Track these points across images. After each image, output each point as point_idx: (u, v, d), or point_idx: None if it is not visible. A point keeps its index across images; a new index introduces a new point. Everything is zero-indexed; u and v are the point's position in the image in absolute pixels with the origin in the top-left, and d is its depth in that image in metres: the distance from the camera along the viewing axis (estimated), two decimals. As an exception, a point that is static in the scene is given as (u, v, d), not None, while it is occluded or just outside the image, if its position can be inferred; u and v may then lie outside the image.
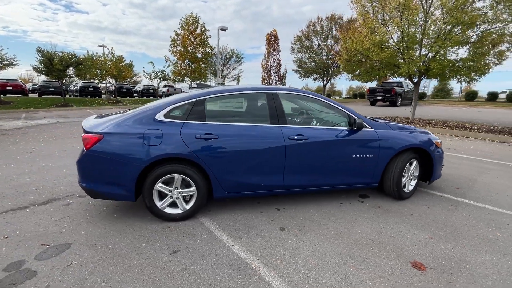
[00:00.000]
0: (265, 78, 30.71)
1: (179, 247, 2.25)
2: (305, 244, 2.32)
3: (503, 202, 3.21)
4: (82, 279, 1.85)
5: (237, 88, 2.88)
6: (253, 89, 2.91)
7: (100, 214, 2.80)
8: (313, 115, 3.32)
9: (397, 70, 9.21)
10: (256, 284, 1.84)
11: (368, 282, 1.87)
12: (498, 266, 2.05)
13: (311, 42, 26.06)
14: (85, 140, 2.44)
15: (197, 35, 20.74)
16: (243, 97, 2.91)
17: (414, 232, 2.53)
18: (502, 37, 7.42)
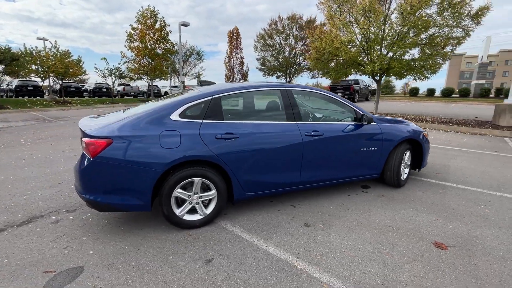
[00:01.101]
0: (229, 76, 30.42)
1: (211, 255, 2.11)
2: (334, 237, 2.37)
3: (477, 183, 3.71)
4: (117, 305, 1.61)
5: (252, 86, 2.79)
6: (267, 86, 2.85)
7: (103, 229, 2.47)
8: (322, 111, 3.39)
9: (362, 68, 9.95)
10: (307, 282, 1.82)
11: (406, 266, 1.99)
12: (499, 238, 2.37)
13: (274, 40, 26.56)
14: (91, 146, 2.11)
15: (156, 30, 19.50)
16: (258, 94, 2.83)
17: (422, 215, 2.77)
18: (448, 40, 8.55)
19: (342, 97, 3.18)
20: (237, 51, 29.97)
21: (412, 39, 8.12)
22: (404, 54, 8.63)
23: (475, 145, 6.22)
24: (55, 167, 4.32)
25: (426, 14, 8.11)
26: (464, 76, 74.58)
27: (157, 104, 2.56)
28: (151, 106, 2.53)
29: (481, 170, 4.28)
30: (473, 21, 8.20)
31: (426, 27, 7.86)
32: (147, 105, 2.69)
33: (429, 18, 7.95)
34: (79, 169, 2.19)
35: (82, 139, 2.23)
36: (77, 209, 2.87)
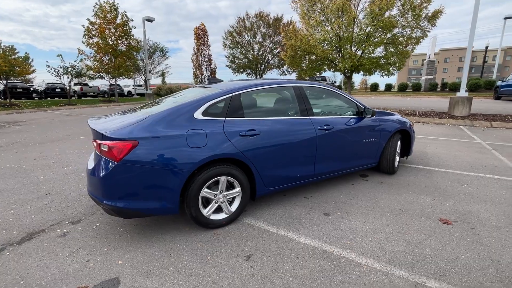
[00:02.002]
0: (197, 74, 29.67)
1: (248, 251, 2.12)
2: (355, 223, 2.53)
3: (454, 166, 4.22)
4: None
5: (268, 82, 2.82)
6: (281, 83, 2.90)
7: (122, 238, 2.32)
8: (328, 105, 3.54)
9: (335, 65, 10.49)
10: (349, 266, 1.94)
11: (425, 242, 2.22)
12: (488, 210, 2.75)
13: (242, 38, 26.51)
14: (115, 149, 1.97)
15: (117, 25, 18.17)
16: (273, 91, 2.87)
17: (421, 197, 3.09)
18: (409, 40, 9.44)
19: (345, 92, 3.38)
20: (205, 48, 29.35)
21: (380, 38, 8.82)
22: (373, 52, 9.35)
23: (439, 133, 7.00)
24: (34, 177, 3.88)
25: (391, 15, 8.86)
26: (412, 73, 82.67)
27: (173, 103, 2.47)
28: (168, 105, 2.43)
29: (453, 154, 4.86)
30: (429, 22, 9.17)
31: (392, 27, 8.60)
32: (169, 103, 2.56)
33: (394, 19, 8.70)
34: (99, 175, 2.03)
35: (99, 142, 2.06)
36: (81, 219, 2.64)
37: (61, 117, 11.07)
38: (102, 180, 2.01)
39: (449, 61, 77.37)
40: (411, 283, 1.76)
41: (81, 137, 6.74)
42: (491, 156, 4.71)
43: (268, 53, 26.77)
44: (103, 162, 2.04)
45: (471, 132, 7.00)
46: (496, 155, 4.77)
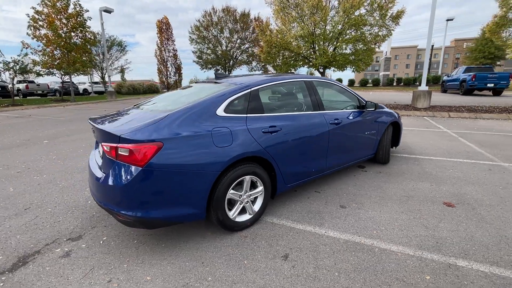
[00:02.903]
0: (162, 69, 28.20)
1: (283, 251, 2.06)
2: (373, 213, 2.63)
3: (435, 153, 4.62)
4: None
5: (282, 77, 2.75)
6: (293, 78, 2.86)
7: (140, 250, 2.09)
8: (333, 100, 3.58)
9: (308, 61, 10.76)
10: (384, 255, 1.99)
11: (441, 224, 2.39)
12: (479, 191, 3.06)
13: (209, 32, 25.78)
14: (137, 152, 1.74)
15: (70, 15, 16.30)
16: (286, 86, 2.80)
17: (420, 184, 3.32)
18: (376, 38, 10.09)
19: (348, 87, 3.46)
20: (169, 43, 27.93)
21: (352, 36, 9.27)
22: (346, 49, 9.80)
23: (410, 124, 7.63)
24: (1, 189, 3.31)
25: (361, 14, 9.36)
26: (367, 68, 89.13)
27: (188, 100, 2.28)
28: (183, 102, 2.23)
29: (429, 143, 5.33)
30: (393, 22, 9.89)
31: (363, 25, 9.10)
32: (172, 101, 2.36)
33: (364, 18, 9.21)
34: (118, 183, 1.78)
35: (114, 146, 1.81)
36: (82, 234, 2.32)
37: (10, 120, 9.65)
38: (123, 188, 1.77)
39: (398, 58, 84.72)
40: (445, 265, 1.88)
41: (45, 141, 5.95)
42: (460, 143, 5.27)
43: (236, 49, 26.48)
44: (122, 168, 1.80)
45: (436, 122, 7.75)
46: (464, 142, 5.35)
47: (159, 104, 2.52)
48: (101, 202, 1.95)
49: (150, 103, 2.66)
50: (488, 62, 28.34)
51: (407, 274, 1.80)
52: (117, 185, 1.79)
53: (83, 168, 4.09)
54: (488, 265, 1.87)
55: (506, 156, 4.34)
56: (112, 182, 1.81)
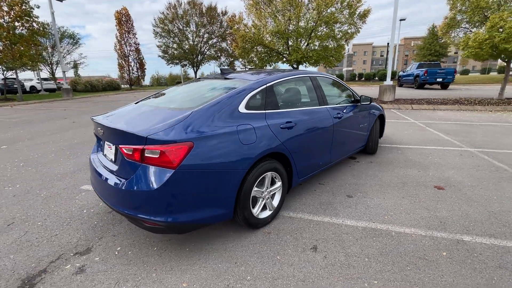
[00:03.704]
0: (123, 65, 26.32)
1: (310, 243, 2.12)
2: (378, 200, 2.81)
3: (412, 142, 5.06)
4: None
5: (289, 73, 2.75)
6: (300, 73, 2.89)
7: (164, 257, 1.98)
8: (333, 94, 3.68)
9: (283, 57, 10.93)
10: (402, 237, 2.16)
11: (438, 206, 2.65)
12: (459, 174, 3.45)
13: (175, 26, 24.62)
14: (169, 153, 1.63)
15: (13, 2, 14.26)
16: (294, 81, 2.82)
17: (409, 170, 3.63)
18: (346, 35, 10.62)
19: (344, 82, 3.61)
20: (130, 36, 26.12)
21: (325, 33, 9.63)
22: (320, 45, 10.15)
23: (380, 116, 8.24)
24: (-32, 205, 2.85)
25: (332, 12, 9.75)
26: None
27: (205, 95, 2.19)
28: (201, 98, 2.14)
29: (404, 133, 5.82)
30: (361, 20, 10.48)
31: (335, 22, 9.49)
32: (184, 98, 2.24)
33: (335, 16, 9.62)
34: (147, 188, 1.65)
35: (139, 148, 1.67)
36: (91, 247, 2.12)
37: None
38: (153, 193, 1.64)
39: (356, 54, 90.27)
40: (454, 241, 2.10)
41: (3, 147, 5.22)
42: (430, 132, 5.85)
43: (204, 44, 25.74)
44: (150, 172, 1.67)
45: (403, 114, 8.47)
46: (432, 131, 5.95)
47: (167, 100, 2.37)
48: (122, 208, 1.79)
49: (154, 99, 2.50)
50: (434, 59, 31.64)
51: (426, 252, 1.98)
52: (145, 190, 1.66)
53: (62, 174, 3.69)
54: (487, 238, 2.14)
55: (470, 142, 4.95)
56: (138, 187, 1.68)
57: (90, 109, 11.71)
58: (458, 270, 1.80)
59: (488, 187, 3.06)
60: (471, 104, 9.49)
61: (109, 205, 1.91)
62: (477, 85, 22.21)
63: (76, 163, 4.16)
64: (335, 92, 3.52)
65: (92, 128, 7.00)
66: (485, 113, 8.46)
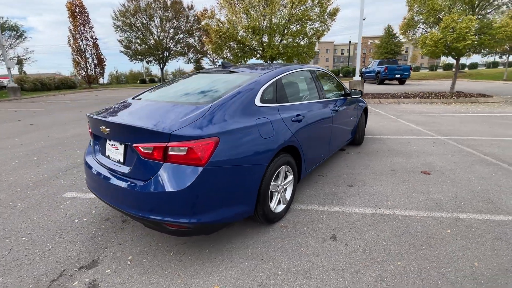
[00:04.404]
0: (80, 61, 24.06)
1: (328, 233, 2.16)
2: (377, 188, 2.96)
3: (389, 133, 5.43)
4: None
5: (294, 66, 2.74)
6: (300, 67, 2.89)
7: (184, 261, 1.86)
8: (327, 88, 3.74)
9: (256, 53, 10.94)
10: (408, 220, 2.31)
11: (431, 189, 2.88)
12: (440, 160, 3.79)
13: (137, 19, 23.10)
14: (197, 150, 1.52)
15: None
16: (297, 75, 2.81)
17: (396, 159, 3.89)
18: (317, 32, 10.97)
19: (336, 76, 3.71)
20: (86, 30, 23.90)
21: (298, 30, 9.83)
22: (293, 42, 10.34)
23: (354, 110, 8.71)
24: None
25: (305, 9, 9.99)
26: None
27: (214, 89, 2.09)
28: (211, 91, 2.04)
29: (380, 125, 6.22)
30: (330, 18, 10.91)
31: (308, 20, 9.74)
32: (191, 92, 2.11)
33: (308, 14, 9.87)
34: (174, 188, 1.52)
35: (163, 145, 1.54)
36: (96, 259, 1.91)
37: None
38: (181, 194, 1.52)
39: (320, 52, 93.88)
40: (453, 219, 2.31)
41: None
42: (402, 123, 6.34)
43: (170, 39, 24.59)
44: (175, 171, 1.54)
45: (373, 107, 9.04)
46: (404, 122, 6.45)
47: (174, 95, 2.22)
48: (142, 213, 1.64)
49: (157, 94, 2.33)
50: (390, 57, 34.28)
51: (433, 232, 2.14)
52: (171, 191, 1.53)
53: (36, 182, 3.27)
54: (479, 214, 2.38)
55: (439, 131, 5.47)
56: (162, 189, 1.54)
57: (46, 109, 10.51)
58: (465, 245, 1.98)
59: (465, 169, 3.41)
60: (429, 97, 10.49)
61: (123, 210, 1.73)
62: (428, 80, 24.63)
63: (49, 169, 3.71)
64: (329, 86, 3.62)
65: (54, 130, 6.30)
66: (442, 105, 9.42)
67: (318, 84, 3.06)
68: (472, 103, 9.60)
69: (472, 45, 9.05)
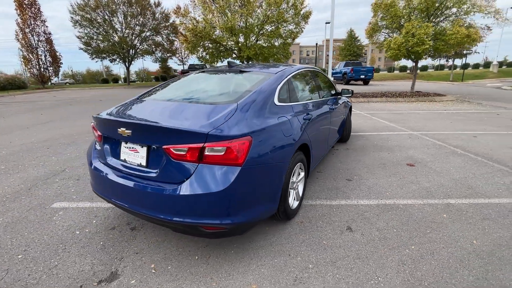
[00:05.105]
0: (31, 58, 21.65)
1: (343, 225, 2.28)
2: (374, 180, 3.18)
3: (369, 130, 5.82)
4: None
5: (298, 66, 2.81)
6: (303, 67, 2.97)
7: (212, 265, 1.83)
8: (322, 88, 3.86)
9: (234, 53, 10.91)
10: (410, 208, 2.53)
11: (419, 179, 3.18)
12: (419, 153, 4.16)
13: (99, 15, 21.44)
14: (234, 150, 1.51)
15: None
16: (303, 74, 2.88)
17: (381, 153, 4.19)
18: (292, 34, 11.30)
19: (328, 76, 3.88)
20: (38, 24, 21.57)
21: (273, 30, 10.03)
22: (269, 42, 10.52)
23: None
24: None
25: (281, 11, 10.23)
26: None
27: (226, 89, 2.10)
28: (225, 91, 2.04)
29: (358, 122, 6.63)
30: (303, 20, 11.31)
31: (284, 21, 9.98)
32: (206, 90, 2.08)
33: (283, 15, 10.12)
34: (213, 189, 1.49)
35: (198, 146, 1.49)
36: (115, 271, 1.79)
37: None
38: (220, 194, 1.49)
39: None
40: (445, 205, 2.58)
41: None
42: (376, 121, 6.83)
43: (136, 37, 23.26)
44: (214, 171, 1.51)
45: (347, 106, 9.58)
46: (378, 120, 6.95)
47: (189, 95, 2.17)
48: (175, 218, 1.57)
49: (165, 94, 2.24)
50: (353, 58, 36.51)
51: (433, 217, 2.38)
52: (209, 192, 1.49)
53: (12, 194, 2.92)
54: (464, 199, 2.70)
55: (410, 127, 6.00)
56: (199, 190, 1.50)
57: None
58: (461, 226, 2.23)
59: (442, 160, 3.82)
60: (394, 96, 11.42)
61: (148, 216, 1.64)
62: (388, 81, 26.74)
63: (25, 179, 3.32)
64: (324, 85, 3.78)
65: (16, 135, 5.63)
66: (406, 103, 10.33)
67: (317, 83, 3.19)
68: (430, 102, 10.68)
69: (429, 49, 10.05)
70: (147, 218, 1.72)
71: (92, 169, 1.97)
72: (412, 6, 10.32)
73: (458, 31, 9.29)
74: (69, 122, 7.16)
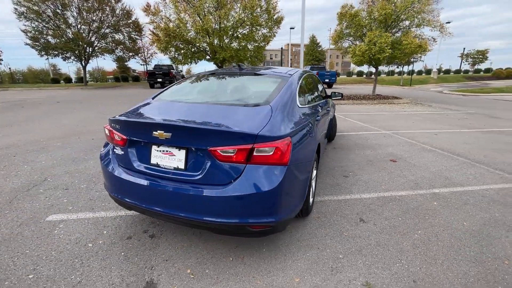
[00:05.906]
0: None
1: (356, 217, 2.47)
2: (368, 176, 3.47)
3: (348, 130, 6.25)
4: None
5: (304, 70, 2.95)
6: (307, 71, 3.12)
7: (250, 265, 1.87)
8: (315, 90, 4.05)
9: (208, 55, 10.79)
10: (405, 198, 2.84)
11: (404, 173, 3.56)
12: (397, 150, 4.64)
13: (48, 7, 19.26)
14: (281, 150, 1.57)
15: None
16: (308, 77, 3.02)
17: (365, 151, 4.57)
18: (266, 38, 11.59)
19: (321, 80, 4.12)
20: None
21: (248, 34, 10.17)
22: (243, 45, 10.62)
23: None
24: None
25: (256, 15, 10.42)
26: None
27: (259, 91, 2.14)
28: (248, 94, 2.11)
29: (342, 125, 7.08)
30: (276, 25, 11.67)
31: (258, 25, 10.17)
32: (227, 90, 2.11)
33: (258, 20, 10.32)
34: (262, 189, 1.54)
35: (248, 147, 1.53)
36: (150, 280, 1.73)
37: None
38: (269, 194, 1.55)
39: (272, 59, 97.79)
40: (433, 194, 2.96)
41: None
42: (351, 122, 7.37)
43: (93, 34, 21.43)
44: (262, 171, 1.55)
45: (320, 108, 10.13)
46: (352, 121, 7.51)
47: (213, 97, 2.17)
48: (222, 219, 1.57)
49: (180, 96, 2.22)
50: (316, 63, 38.54)
51: (426, 205, 2.71)
52: (259, 192, 1.53)
53: (3, 204, 2.57)
54: (446, 188, 3.11)
55: (382, 127, 6.61)
56: (249, 190, 1.53)
57: None
58: (450, 211, 2.59)
59: (418, 156, 4.32)
60: (359, 99, 12.39)
61: (191, 220, 1.61)
62: (349, 85, 28.75)
63: (1, 190, 2.92)
64: (321, 88, 4.01)
65: None
66: (370, 105, 11.28)
67: (316, 86, 3.39)
68: (390, 104, 11.83)
69: (388, 56, 11.15)
70: (185, 222, 1.68)
71: (115, 174, 1.85)
72: (373, 17, 11.34)
73: (412, 42, 10.48)
74: (29, 126, 6.38)
